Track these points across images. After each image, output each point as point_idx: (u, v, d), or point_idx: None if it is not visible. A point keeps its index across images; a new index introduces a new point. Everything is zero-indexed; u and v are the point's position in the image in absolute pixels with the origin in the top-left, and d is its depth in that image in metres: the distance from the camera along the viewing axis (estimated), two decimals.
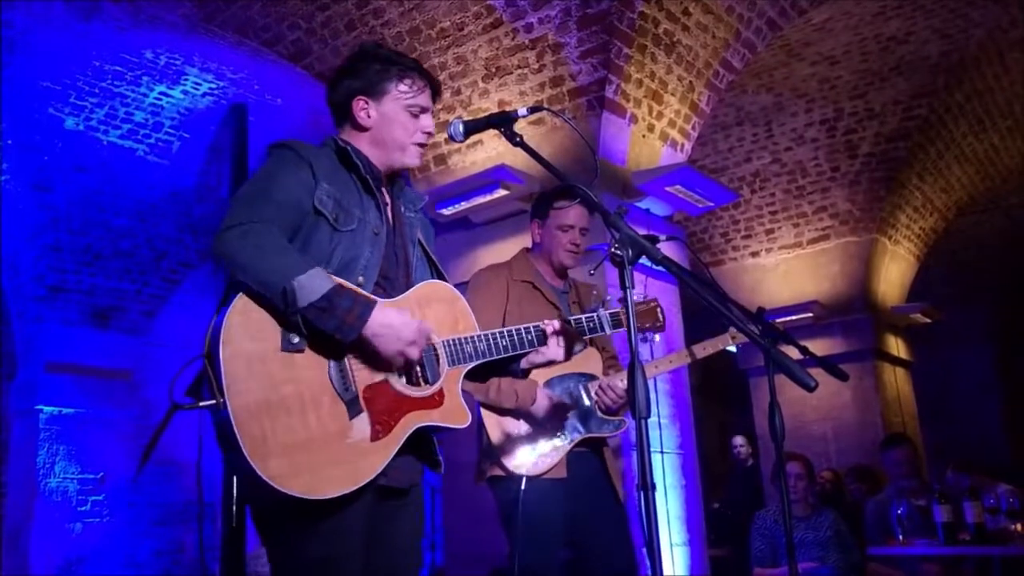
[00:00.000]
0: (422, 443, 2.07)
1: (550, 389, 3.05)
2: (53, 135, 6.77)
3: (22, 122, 6.58)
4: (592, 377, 3.12)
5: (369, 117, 2.12)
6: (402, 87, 2.13)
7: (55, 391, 7.56)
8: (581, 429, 3.04)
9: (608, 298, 2.63)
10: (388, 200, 2.17)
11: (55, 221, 7.23)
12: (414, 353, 1.92)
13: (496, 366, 2.24)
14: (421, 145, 2.17)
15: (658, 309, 2.66)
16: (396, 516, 2.06)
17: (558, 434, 3.00)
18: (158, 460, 8.21)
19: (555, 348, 2.24)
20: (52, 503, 7.36)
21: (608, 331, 2.46)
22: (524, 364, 2.30)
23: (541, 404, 2.96)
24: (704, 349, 3.20)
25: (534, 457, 2.96)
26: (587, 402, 3.06)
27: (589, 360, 3.15)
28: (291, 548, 1.89)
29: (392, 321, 1.89)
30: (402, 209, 2.21)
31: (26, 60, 6.05)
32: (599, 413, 3.10)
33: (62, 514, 7.41)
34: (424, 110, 2.16)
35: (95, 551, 7.56)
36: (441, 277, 2.21)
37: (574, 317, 2.41)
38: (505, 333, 2.15)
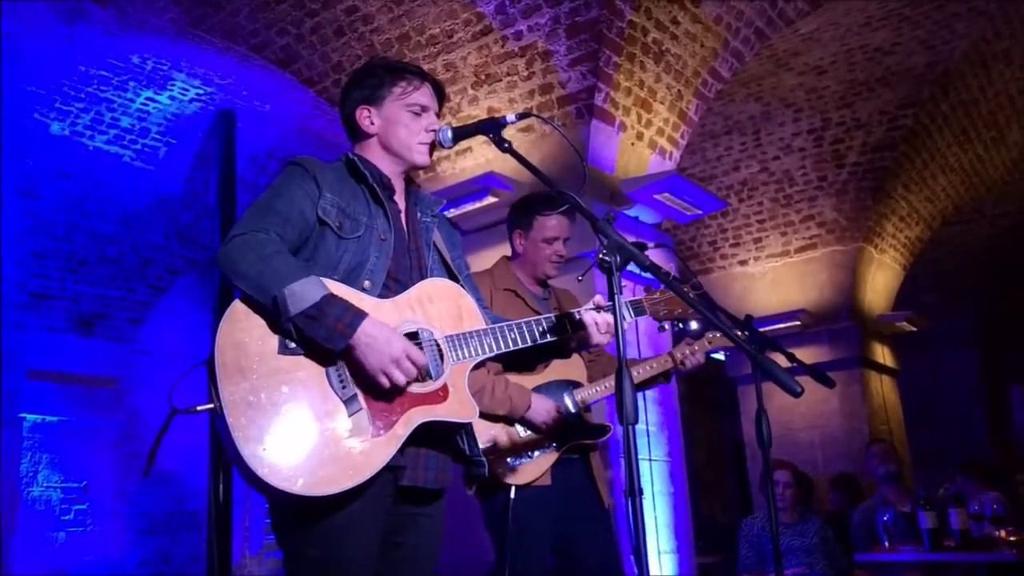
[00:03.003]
0: (445, 441, 2.09)
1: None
2: (38, 140, 6.73)
3: (6, 127, 6.53)
4: (576, 384, 3.11)
5: (373, 124, 2.18)
6: (398, 88, 2.17)
7: (38, 399, 7.49)
8: (568, 436, 3.04)
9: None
10: (402, 207, 2.22)
11: (39, 227, 7.18)
12: (398, 376, 1.87)
13: (520, 358, 2.23)
14: (428, 144, 2.20)
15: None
16: (416, 523, 2.07)
17: (546, 441, 3.00)
18: (143, 468, 8.15)
19: (597, 334, 2.22)
20: (35, 512, 7.29)
21: (629, 318, 2.40)
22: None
23: (535, 410, 2.95)
24: (683, 353, 3.18)
25: (522, 465, 2.96)
26: (572, 408, 3.05)
27: (572, 367, 3.14)
28: (295, 549, 1.92)
29: (376, 333, 1.87)
30: (418, 215, 2.24)
31: (10, 64, 6.01)
32: (585, 419, 3.10)
33: (45, 523, 7.34)
34: (425, 109, 2.19)
35: (78, 561, 7.49)
36: (454, 279, 2.21)
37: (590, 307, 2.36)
38: (514, 326, 2.14)
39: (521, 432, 2.98)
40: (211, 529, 6.15)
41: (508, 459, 2.95)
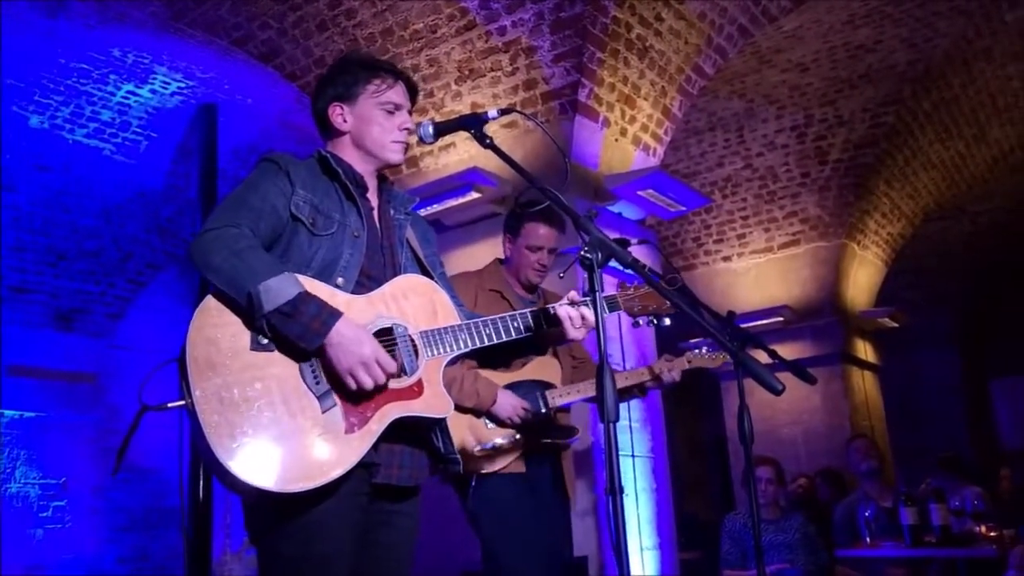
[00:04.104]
0: (420, 438, 2.10)
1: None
2: (17, 133, 6.65)
3: None
4: (549, 385, 3.15)
5: (345, 121, 2.17)
6: (372, 86, 2.16)
7: (16, 394, 7.42)
8: (534, 434, 3.08)
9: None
10: (375, 204, 2.21)
11: (17, 221, 7.11)
12: (365, 380, 1.86)
13: (496, 354, 2.24)
14: (401, 143, 2.19)
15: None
16: (391, 521, 2.07)
17: (513, 436, 3.05)
18: (122, 465, 8.08)
19: (572, 329, 2.21)
20: (12, 509, 7.22)
21: (604, 313, 2.42)
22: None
23: (501, 405, 3.00)
24: (660, 368, 3.21)
25: (487, 456, 3.01)
26: (543, 409, 3.09)
27: (547, 368, 3.18)
28: (269, 547, 1.92)
29: (348, 333, 1.86)
30: (391, 212, 2.23)
31: None
32: (554, 420, 3.15)
33: (23, 520, 7.28)
34: (398, 107, 2.18)
35: (57, 558, 7.43)
36: (428, 276, 2.20)
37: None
38: (489, 322, 2.13)
39: (488, 426, 3.04)
40: (189, 526, 6.10)
41: (474, 450, 3.02)
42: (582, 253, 1.94)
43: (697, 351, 3.23)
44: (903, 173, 8.10)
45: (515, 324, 2.17)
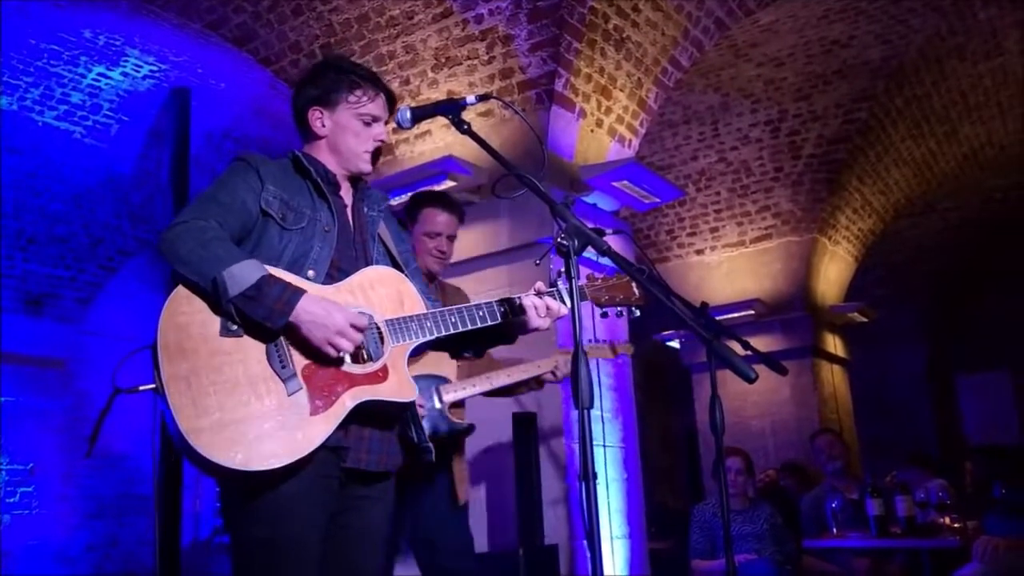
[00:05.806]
0: (389, 425, 2.13)
1: None
2: None
3: None
4: (444, 380, 3.15)
5: (323, 126, 2.22)
6: (353, 97, 2.21)
7: None
8: (429, 428, 3.05)
9: (561, 269, 2.58)
10: (348, 201, 2.27)
11: None
12: (345, 344, 1.93)
13: (464, 343, 2.29)
14: (373, 152, 2.25)
15: (632, 283, 2.39)
16: (363, 506, 2.11)
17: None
18: (94, 452, 8.02)
19: (536, 318, 2.23)
20: None
21: (569, 304, 2.42)
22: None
23: None
24: (557, 364, 3.27)
25: None
26: (437, 404, 3.09)
27: (442, 363, 3.17)
28: (241, 529, 1.97)
29: (316, 309, 1.92)
30: (364, 209, 2.29)
31: None
32: (448, 416, 3.15)
33: None
34: (376, 119, 2.23)
35: (24, 544, 7.35)
36: (400, 269, 2.25)
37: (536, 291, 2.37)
38: (455, 311, 2.17)
39: None
40: (160, 513, 6.05)
41: None
42: (558, 240, 1.95)
43: (592, 340, 3.28)
44: (875, 169, 8.18)
45: (480, 313, 2.20)
